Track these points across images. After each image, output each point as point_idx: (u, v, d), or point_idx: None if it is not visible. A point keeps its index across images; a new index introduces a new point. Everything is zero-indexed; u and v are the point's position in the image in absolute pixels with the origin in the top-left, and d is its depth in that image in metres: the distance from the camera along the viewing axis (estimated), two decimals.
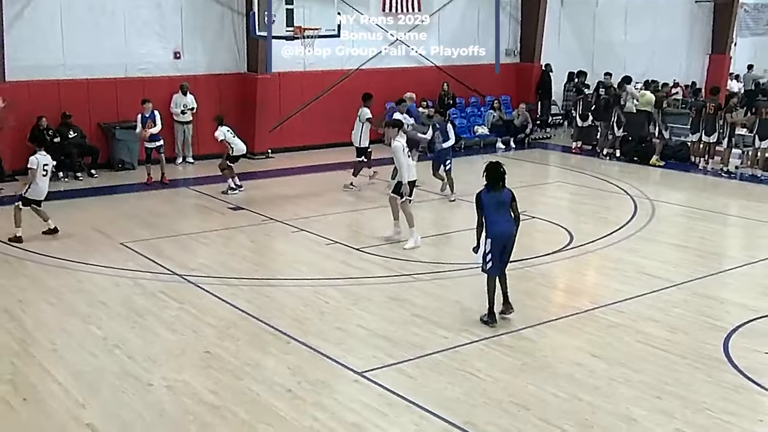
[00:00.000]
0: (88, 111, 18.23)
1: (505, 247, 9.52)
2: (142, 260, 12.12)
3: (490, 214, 9.45)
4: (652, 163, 19.77)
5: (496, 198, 9.47)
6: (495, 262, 9.48)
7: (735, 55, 30.38)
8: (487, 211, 9.47)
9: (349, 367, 8.49)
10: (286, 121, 20.85)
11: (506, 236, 9.49)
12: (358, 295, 10.72)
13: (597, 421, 7.39)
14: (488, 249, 9.44)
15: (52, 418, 7.41)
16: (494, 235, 9.42)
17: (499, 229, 9.44)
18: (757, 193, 17.56)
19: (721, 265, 12.13)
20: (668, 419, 7.42)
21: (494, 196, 9.47)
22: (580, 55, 25.70)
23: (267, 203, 15.83)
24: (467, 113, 23.40)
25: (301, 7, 17.33)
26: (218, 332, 9.47)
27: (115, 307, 10.26)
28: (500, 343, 9.11)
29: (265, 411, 7.55)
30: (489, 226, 9.44)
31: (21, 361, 8.65)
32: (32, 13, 17.51)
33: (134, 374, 8.30)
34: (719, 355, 8.85)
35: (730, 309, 10.32)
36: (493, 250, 9.42)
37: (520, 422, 7.35)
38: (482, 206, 9.49)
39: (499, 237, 9.44)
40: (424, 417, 7.45)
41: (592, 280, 11.87)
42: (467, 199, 16.07)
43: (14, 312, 10.06)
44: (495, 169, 9.51)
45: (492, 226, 9.44)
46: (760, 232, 14.58)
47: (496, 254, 9.44)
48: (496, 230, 9.43)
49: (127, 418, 7.40)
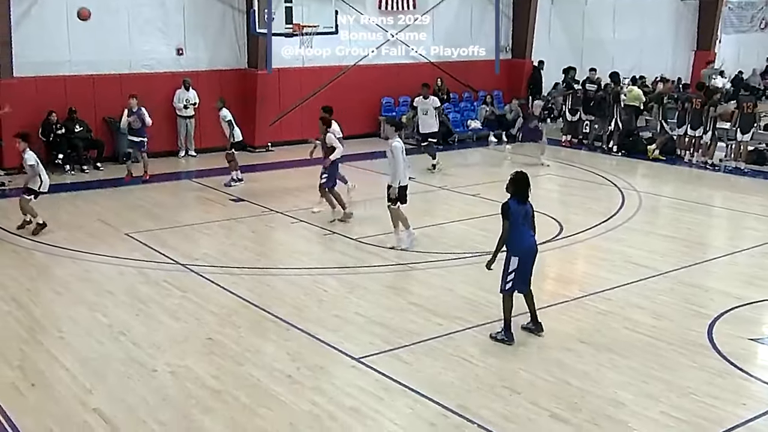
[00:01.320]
0: (93, 106, 18.17)
1: (528, 264, 8.73)
2: (146, 250, 12.10)
3: (518, 226, 8.58)
4: (653, 157, 19.62)
5: (525, 209, 8.71)
6: (516, 281, 8.67)
7: (720, 51, 30.35)
8: (515, 223, 8.56)
9: (347, 353, 8.50)
10: (285, 115, 20.81)
11: (534, 251, 8.81)
12: (355, 284, 10.73)
13: (585, 404, 7.40)
14: (514, 267, 8.60)
15: (60, 402, 7.41)
16: (523, 250, 8.62)
17: (528, 243, 8.70)
18: (741, 185, 17.57)
19: (705, 255, 12.15)
20: (654, 403, 7.44)
21: (522, 208, 8.68)
22: (570, 52, 25.66)
23: (267, 195, 15.81)
24: (461, 108, 23.36)
25: (299, 5, 17.31)
26: (220, 320, 9.47)
27: (120, 296, 10.26)
28: (492, 329, 9.11)
29: (265, 395, 7.56)
30: (517, 239, 8.58)
31: (29, 347, 8.66)
32: (39, 11, 17.44)
33: (139, 360, 8.31)
34: (704, 341, 8.87)
35: (714, 297, 10.34)
36: (519, 268, 8.60)
37: (512, 405, 7.37)
38: (511, 217, 8.56)
39: (527, 252, 8.69)
40: (418, 401, 7.47)
41: (581, 269, 11.88)
42: (458, 190, 16.15)
43: (22, 300, 10.06)
44: (524, 180, 8.70)
45: (521, 239, 8.61)
46: (744, 223, 14.62)
47: (520, 272, 8.63)
48: (525, 245, 8.64)
49: (132, 403, 7.40)
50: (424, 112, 16.79)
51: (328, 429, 6.98)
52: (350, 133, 21.69)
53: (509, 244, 8.65)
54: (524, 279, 8.76)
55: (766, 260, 11.97)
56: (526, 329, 9.03)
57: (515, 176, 8.77)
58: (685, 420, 7.13)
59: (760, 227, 13.95)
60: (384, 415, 7.23)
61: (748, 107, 18.93)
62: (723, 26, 30.55)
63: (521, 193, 8.68)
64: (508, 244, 8.65)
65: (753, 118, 18.94)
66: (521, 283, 8.77)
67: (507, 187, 8.78)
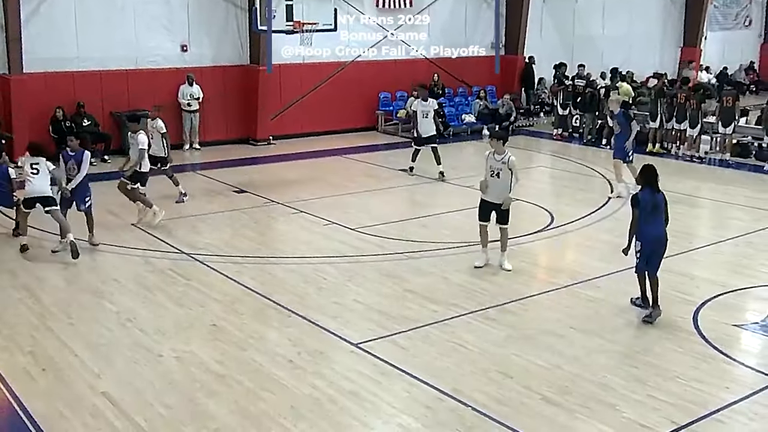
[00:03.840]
0: (100, 101, 18.14)
1: (654, 251, 9.02)
2: (151, 240, 12.09)
3: (646, 216, 8.94)
4: (656, 151, 19.49)
5: (654, 201, 9.00)
6: (641, 261, 9.06)
7: (705, 48, 30.33)
8: (642, 212, 8.94)
9: (346, 339, 8.51)
10: (286, 110, 20.77)
11: (656, 240, 9.02)
12: (354, 272, 10.72)
13: (576, 388, 7.42)
14: (638, 249, 9.05)
15: (70, 386, 7.42)
16: (645, 238, 8.97)
17: (650, 232, 8.96)
18: (725, 177, 17.57)
19: (691, 244, 12.15)
20: (641, 386, 7.46)
21: (652, 199, 8.99)
22: (561, 48, 25.64)
23: (269, 187, 15.79)
24: (455, 102, 23.32)
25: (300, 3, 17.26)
26: (224, 307, 9.48)
27: (127, 284, 10.25)
28: (486, 316, 9.13)
29: (267, 380, 7.57)
30: (642, 228, 8.96)
31: (40, 334, 8.65)
32: (48, 8, 17.39)
33: (145, 346, 8.31)
34: (689, 327, 8.89)
35: (700, 284, 10.35)
36: (642, 250, 8.99)
37: (505, 389, 7.38)
38: (639, 207, 8.95)
39: (649, 240, 8.97)
40: (415, 385, 7.48)
41: (572, 257, 11.89)
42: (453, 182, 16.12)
43: (33, 289, 10.05)
44: (653, 171, 9.07)
45: (644, 228, 8.96)
46: (728, 214, 14.62)
47: (644, 255, 9.00)
48: (646, 233, 8.96)
49: (139, 387, 7.41)
50: (424, 115, 16.22)
51: (328, 412, 6.99)
52: (349, 126, 21.83)
53: (638, 231, 9.01)
54: (650, 262, 9.04)
55: (749, 249, 11.98)
56: (646, 320, 9.02)
57: (644, 168, 9.20)
58: (671, 403, 7.14)
59: (744, 217, 13.95)
60: (382, 399, 7.24)
61: (727, 101, 19.07)
62: (709, 23, 30.52)
63: (651, 183, 9.05)
64: (637, 231, 9.02)
65: (733, 111, 18.99)
66: (645, 264, 9.06)
67: (636, 179, 9.45)
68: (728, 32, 32.39)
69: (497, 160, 10.49)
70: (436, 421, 6.87)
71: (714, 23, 31.48)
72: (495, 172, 10.48)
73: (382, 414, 7.03)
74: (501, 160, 10.45)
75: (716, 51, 31.57)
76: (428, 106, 16.07)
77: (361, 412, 7.00)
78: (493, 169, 10.49)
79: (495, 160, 10.50)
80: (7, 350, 8.24)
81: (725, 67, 31.24)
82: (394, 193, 15.49)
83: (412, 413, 7.00)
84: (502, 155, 10.46)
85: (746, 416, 7.01)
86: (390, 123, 22.28)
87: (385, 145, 20.55)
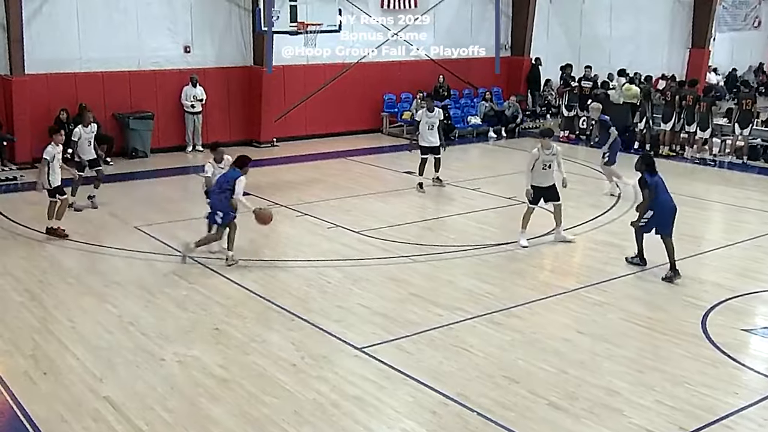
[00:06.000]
0: (103, 102, 18.14)
1: (671, 217, 10.44)
2: (154, 243, 12.11)
3: (661, 193, 10.42)
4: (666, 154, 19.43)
5: (662, 180, 10.51)
6: (650, 223, 10.44)
7: (714, 49, 30.25)
8: (659, 190, 10.40)
9: (350, 343, 8.50)
10: (290, 111, 20.79)
11: (673, 208, 10.48)
12: (358, 276, 10.73)
13: (582, 393, 7.41)
14: (649, 216, 10.43)
15: (71, 390, 7.43)
16: (664, 206, 10.40)
17: (668, 200, 10.48)
18: (735, 180, 17.53)
19: (700, 248, 12.13)
20: (649, 391, 7.44)
21: (660, 179, 10.48)
22: (567, 49, 25.62)
23: (272, 189, 15.78)
24: (461, 104, 23.29)
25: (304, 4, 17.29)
26: (226, 310, 9.48)
27: (129, 287, 10.26)
28: (492, 320, 9.13)
29: (270, 384, 7.57)
30: (662, 198, 10.41)
31: (41, 337, 8.67)
32: (50, 9, 17.42)
33: (148, 350, 8.32)
34: (697, 332, 8.87)
35: (708, 288, 10.33)
36: (655, 216, 10.38)
37: (510, 394, 7.38)
38: (653, 187, 10.34)
39: (669, 208, 10.44)
40: (419, 389, 7.48)
41: (578, 261, 11.87)
42: (458, 184, 16.11)
43: (35, 291, 10.07)
44: (651, 156, 11.00)
45: (663, 197, 10.43)
46: (738, 217, 14.57)
47: (656, 219, 10.37)
48: (665, 201, 10.44)
49: (141, 391, 7.41)
50: (429, 126, 16.08)
51: (331, 416, 6.99)
52: (353, 128, 21.83)
53: (656, 207, 10.42)
54: (662, 224, 10.46)
55: (759, 253, 11.96)
56: (666, 279, 10.38)
57: (645, 155, 10.93)
58: (679, 408, 7.13)
59: (753, 220, 13.93)
60: (386, 404, 7.24)
61: (747, 104, 19.04)
62: (717, 24, 30.46)
63: (650, 166, 10.52)
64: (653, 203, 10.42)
65: (751, 114, 19.01)
66: (655, 225, 10.47)
67: (636, 165, 10.71)
68: (737, 33, 32.32)
69: (547, 154, 11.89)
70: (441, 426, 6.87)
71: (722, 24, 31.42)
72: (547, 164, 11.91)
73: (387, 419, 7.02)
74: (551, 153, 11.93)
75: (725, 52, 31.52)
76: (434, 117, 15.92)
77: (365, 417, 7.00)
78: (545, 162, 11.88)
79: (545, 155, 11.88)
80: (8, 353, 8.25)
81: (734, 68, 31.18)
82: (399, 196, 15.48)
83: (417, 418, 7.00)
84: (551, 149, 11.93)
85: (755, 422, 6.98)
86: (394, 125, 22.29)
87: (390, 148, 20.55)
